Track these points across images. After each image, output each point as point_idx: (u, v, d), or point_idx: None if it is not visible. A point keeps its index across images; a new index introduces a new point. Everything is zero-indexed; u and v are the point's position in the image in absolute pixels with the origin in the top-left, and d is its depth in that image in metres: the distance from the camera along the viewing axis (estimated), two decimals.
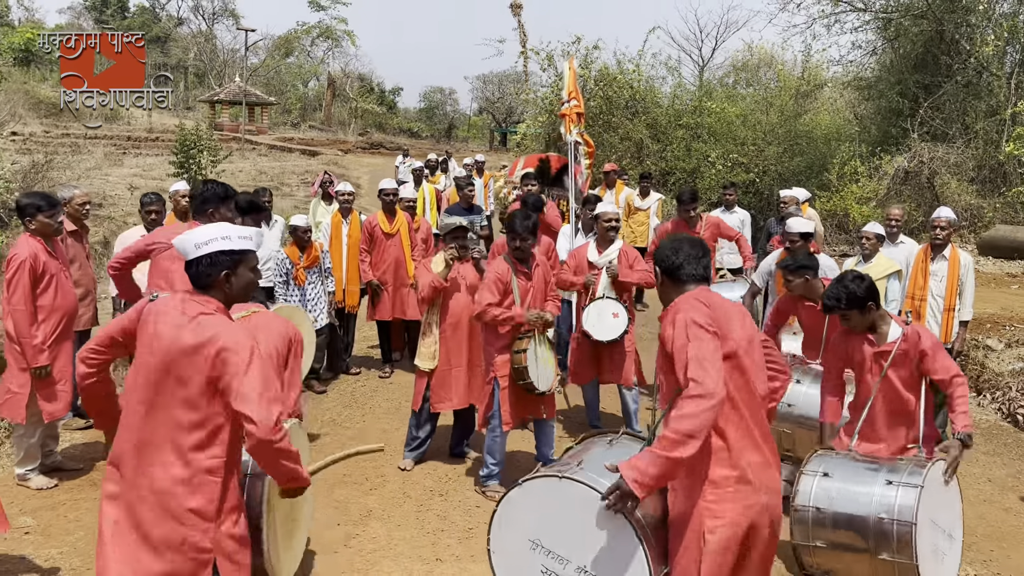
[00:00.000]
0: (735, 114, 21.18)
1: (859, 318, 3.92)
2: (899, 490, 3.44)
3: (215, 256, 2.75)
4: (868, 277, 4.00)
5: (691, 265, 2.96)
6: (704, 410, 2.61)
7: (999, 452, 6.34)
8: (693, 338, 2.73)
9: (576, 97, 7.73)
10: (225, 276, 2.77)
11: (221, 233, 2.78)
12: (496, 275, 5.04)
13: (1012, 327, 9.09)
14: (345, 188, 8.05)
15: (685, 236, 3.11)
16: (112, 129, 28.94)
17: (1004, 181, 16.64)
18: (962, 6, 18.53)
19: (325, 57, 51.69)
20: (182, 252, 2.78)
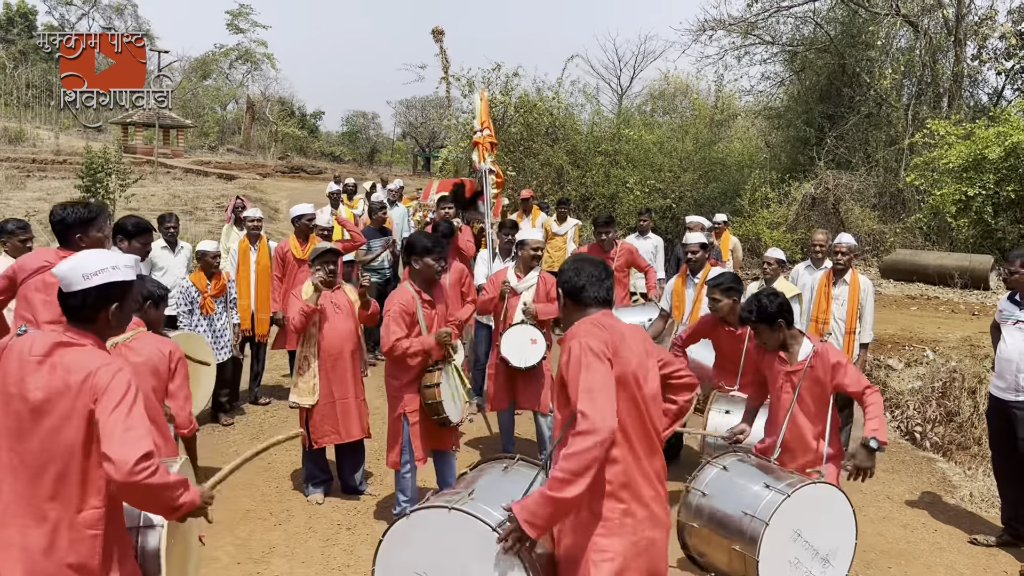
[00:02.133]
0: (652, 141, 21.66)
1: (769, 334, 4.02)
2: (770, 493, 3.57)
3: (105, 288, 2.51)
4: (783, 295, 4.10)
5: (593, 287, 2.90)
6: (590, 447, 2.55)
7: (897, 469, 6.57)
8: (585, 367, 2.67)
9: (488, 126, 7.77)
10: (114, 309, 2.55)
11: (111, 262, 2.56)
12: (400, 307, 4.78)
13: (912, 347, 9.47)
14: (254, 214, 7.79)
15: (587, 257, 3.05)
16: (16, 151, 27.74)
17: (904, 208, 17.46)
18: (862, 41, 19.49)
19: (244, 80, 50.90)
20: (66, 283, 2.50)
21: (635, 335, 2.94)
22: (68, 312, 2.55)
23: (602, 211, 20.41)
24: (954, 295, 13.03)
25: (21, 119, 33.64)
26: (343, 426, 5.28)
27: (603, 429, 2.57)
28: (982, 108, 18.90)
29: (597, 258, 3.09)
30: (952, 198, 14.55)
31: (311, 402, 5.19)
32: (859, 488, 6.06)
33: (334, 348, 5.22)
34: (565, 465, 2.55)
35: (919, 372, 8.89)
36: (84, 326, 2.54)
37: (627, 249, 7.75)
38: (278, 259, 7.45)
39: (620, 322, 2.95)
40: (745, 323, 4.17)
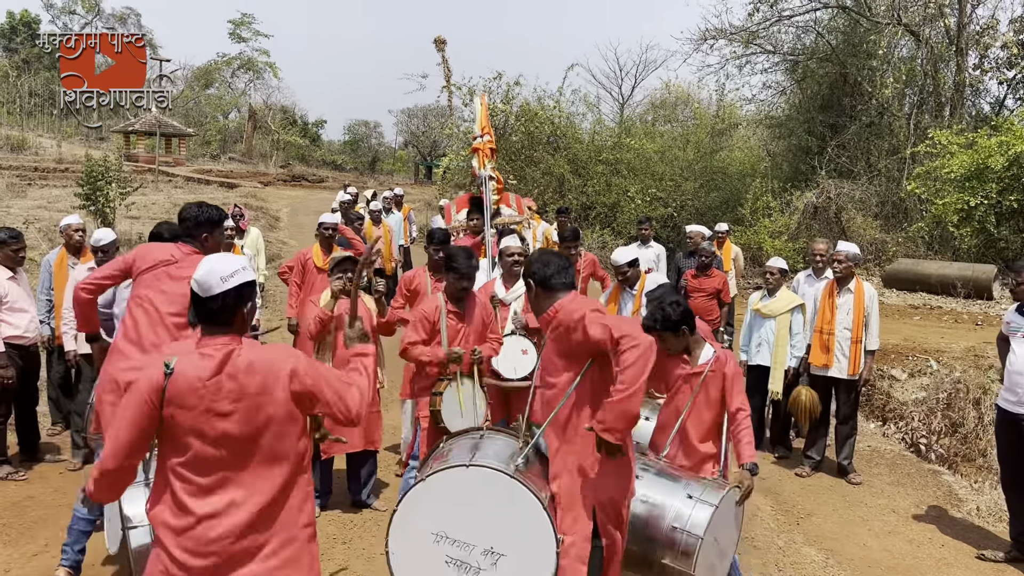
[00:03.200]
0: (653, 150, 21.64)
1: (674, 341, 3.99)
2: (696, 505, 3.54)
3: (241, 288, 2.57)
4: (684, 303, 4.07)
5: (561, 275, 3.37)
6: (643, 352, 3.02)
7: (903, 482, 6.47)
8: (599, 319, 3.13)
9: (488, 132, 7.69)
10: (248, 309, 2.62)
11: (240, 264, 2.62)
12: (423, 313, 4.83)
13: (915, 357, 9.39)
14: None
15: (550, 251, 3.56)
16: (18, 159, 27.74)
17: (906, 217, 17.40)
18: (864, 50, 19.46)
19: (247, 89, 50.95)
20: (205, 287, 2.53)
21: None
22: (207, 316, 2.56)
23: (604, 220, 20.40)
24: (957, 305, 12.94)
25: (24, 127, 33.67)
26: (356, 435, 5.20)
27: (646, 339, 3.06)
28: (984, 118, 18.87)
29: (559, 252, 3.54)
30: (954, 207, 14.49)
31: None
32: (864, 501, 5.99)
33: (346, 357, 5.14)
34: (627, 375, 3.01)
35: (923, 382, 8.80)
36: (223, 329, 2.56)
37: (591, 260, 7.85)
38: (299, 266, 7.36)
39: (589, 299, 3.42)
40: (649, 332, 4.05)
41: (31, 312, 5.93)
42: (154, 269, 4.18)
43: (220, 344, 2.53)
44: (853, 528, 5.49)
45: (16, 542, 4.81)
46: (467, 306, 4.97)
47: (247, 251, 8.43)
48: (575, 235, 7.73)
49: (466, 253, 4.91)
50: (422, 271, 6.22)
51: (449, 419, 4.73)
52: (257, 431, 2.50)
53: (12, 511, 5.24)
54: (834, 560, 4.98)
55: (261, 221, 20.49)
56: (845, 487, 6.23)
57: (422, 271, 6.22)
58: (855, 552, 5.12)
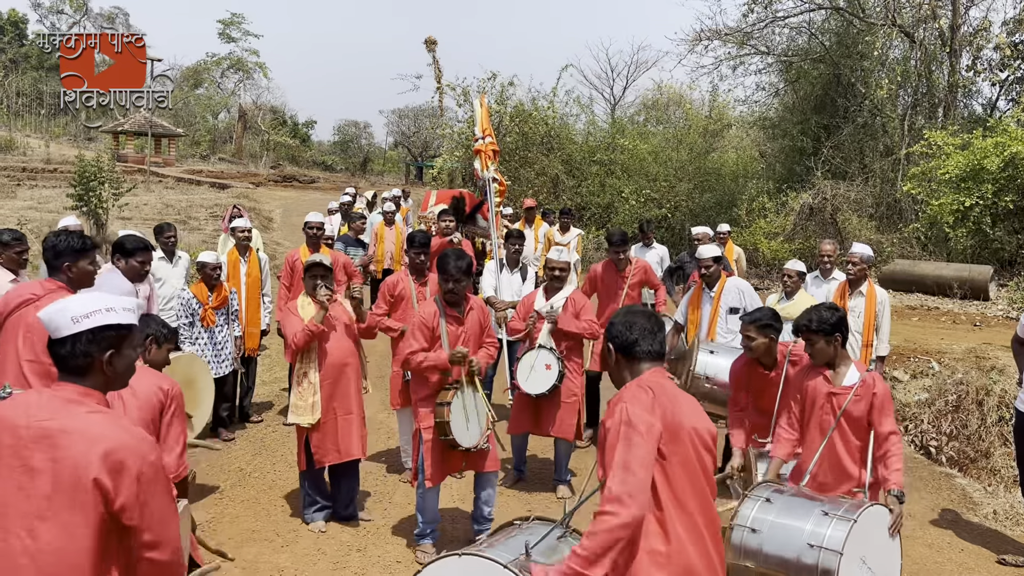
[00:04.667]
0: (647, 151, 21.63)
1: (823, 347, 3.86)
2: (832, 521, 3.41)
3: (97, 332, 2.21)
4: (842, 310, 4.02)
5: (646, 341, 2.76)
6: (614, 528, 2.46)
7: (916, 487, 6.44)
8: (624, 439, 2.55)
9: (490, 133, 7.63)
10: (109, 357, 2.24)
11: (104, 304, 2.26)
12: (421, 320, 4.71)
13: (916, 359, 9.38)
14: (243, 224, 7.57)
15: (639, 309, 2.93)
16: (6, 160, 27.48)
17: (901, 218, 17.44)
18: (857, 51, 19.50)
19: (236, 89, 50.66)
20: (53, 327, 2.20)
21: (687, 397, 2.82)
22: (59, 363, 2.24)
23: (598, 220, 20.37)
24: (954, 305, 12.96)
25: (11, 127, 33.33)
26: (343, 444, 5.04)
27: (633, 512, 2.47)
28: (977, 119, 18.94)
29: (648, 310, 2.96)
30: (950, 208, 14.52)
31: (311, 421, 4.90)
32: None
33: (335, 364, 4.99)
34: (587, 543, 2.48)
35: (925, 384, 8.80)
36: (79, 379, 2.23)
37: (642, 267, 7.41)
38: (287, 267, 7.32)
39: (672, 383, 2.80)
40: (800, 332, 3.98)
41: None
42: (18, 310, 3.89)
43: (73, 393, 2.21)
44: None
45: None
46: (465, 310, 4.86)
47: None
48: (623, 238, 7.21)
49: (456, 255, 4.78)
50: (404, 275, 6.10)
51: (456, 429, 4.61)
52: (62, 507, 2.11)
53: None
54: None
55: (254, 222, 20.35)
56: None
57: (404, 275, 6.10)
58: None
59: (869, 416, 3.82)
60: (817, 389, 3.94)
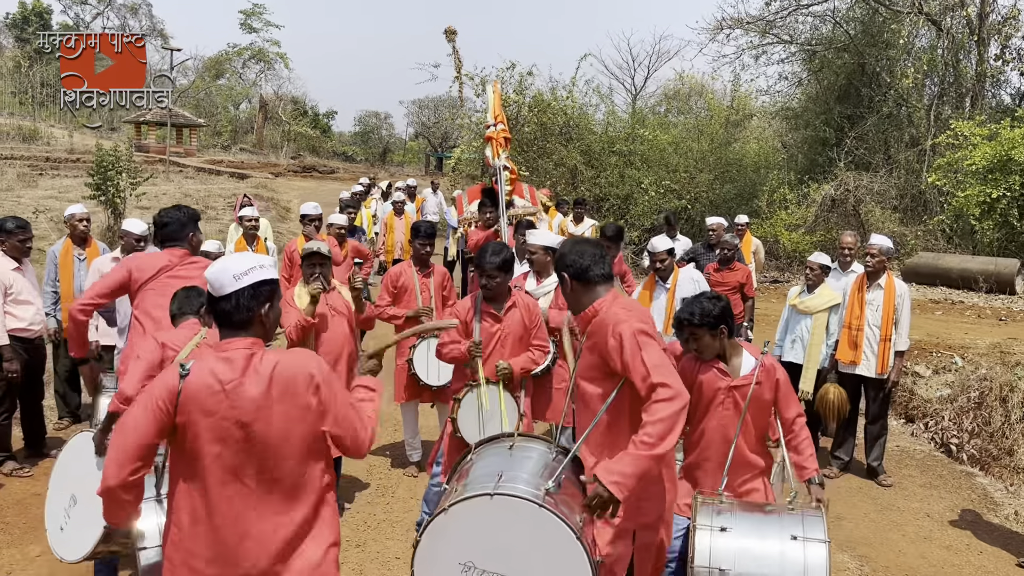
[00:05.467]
0: (667, 141, 21.38)
1: (709, 341, 3.55)
2: (806, 546, 3.13)
3: (257, 287, 2.41)
4: (725, 299, 3.66)
5: (598, 266, 3.06)
6: (679, 410, 2.75)
7: (935, 485, 6.26)
8: (644, 346, 2.84)
9: (502, 120, 7.49)
10: (267, 310, 2.45)
11: (258, 261, 2.47)
12: (454, 313, 4.65)
13: (939, 353, 9.15)
14: (250, 213, 7.50)
15: (584, 239, 3.19)
16: (30, 149, 27.73)
17: (925, 210, 17.11)
18: (883, 40, 19.13)
19: (257, 79, 50.88)
20: (217, 285, 2.40)
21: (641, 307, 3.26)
22: (222, 318, 2.42)
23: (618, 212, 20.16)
24: (979, 300, 12.67)
25: (35, 118, 33.65)
26: None
27: (684, 394, 2.80)
28: (1004, 108, 18.53)
29: (593, 239, 3.22)
30: (976, 200, 14.21)
31: None
32: (896, 506, 5.79)
33: (331, 354, 4.80)
34: (653, 430, 2.73)
35: (947, 379, 8.58)
36: (240, 332, 2.41)
37: (619, 259, 7.45)
38: (286, 259, 7.25)
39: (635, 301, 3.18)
40: (681, 326, 3.67)
41: (36, 304, 5.77)
42: (156, 278, 4.08)
43: (240, 347, 2.39)
44: (887, 533, 5.29)
45: (19, 542, 4.67)
46: (506, 308, 4.59)
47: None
48: (619, 234, 7.18)
49: (494, 248, 4.52)
50: (408, 266, 5.96)
51: (465, 428, 4.44)
52: (281, 443, 2.37)
53: (16, 509, 5.10)
54: (869, 568, 4.78)
55: (271, 212, 20.39)
56: (875, 489, 6.02)
57: (408, 266, 5.96)
58: (891, 559, 4.92)
59: (774, 403, 3.61)
60: (712, 384, 3.59)
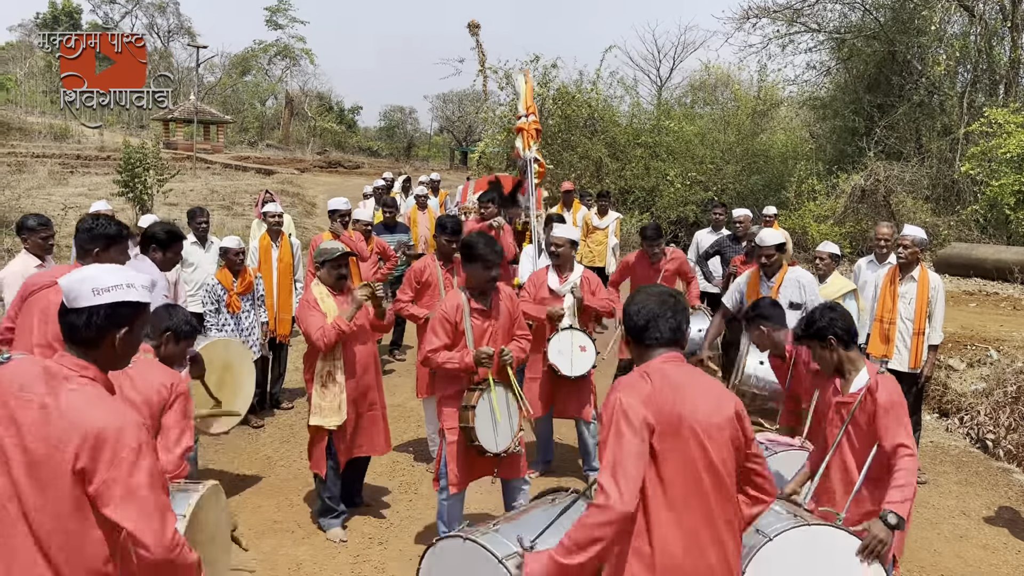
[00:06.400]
0: (693, 133, 21.17)
1: (820, 352, 3.49)
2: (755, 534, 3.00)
3: (115, 308, 2.17)
4: (840, 308, 3.59)
5: (655, 327, 2.60)
6: (599, 524, 2.42)
7: (971, 482, 6.10)
8: (615, 435, 2.47)
9: (533, 111, 7.40)
10: (123, 334, 2.21)
11: (126, 279, 2.22)
12: (443, 314, 4.26)
13: (973, 346, 8.95)
14: (274, 209, 7.45)
15: (655, 290, 2.74)
16: (61, 147, 28.13)
17: (958, 199, 16.76)
18: (914, 27, 18.74)
19: (283, 75, 51.19)
20: (72, 296, 2.16)
21: (702, 386, 2.60)
22: (68, 331, 2.19)
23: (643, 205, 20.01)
24: (1015, 291, 12.38)
25: (66, 116, 34.09)
26: (369, 436, 4.85)
27: (616, 510, 2.41)
28: None
29: (666, 289, 2.77)
30: (1011, 189, 13.89)
31: (337, 423, 4.64)
32: (930, 503, 5.65)
33: (361, 360, 4.73)
34: (573, 534, 2.47)
35: (982, 373, 8.38)
36: (83, 351, 2.18)
37: (678, 258, 7.18)
38: (312, 254, 7.19)
39: (682, 370, 2.60)
40: (796, 339, 3.70)
41: None
42: (36, 293, 3.75)
43: (67, 364, 2.15)
44: (921, 532, 5.15)
45: None
46: (493, 301, 4.41)
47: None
48: (657, 232, 7.02)
49: (486, 239, 4.36)
50: (432, 261, 5.86)
51: (483, 435, 4.23)
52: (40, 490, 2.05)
53: None
54: (904, 568, 4.64)
55: (297, 208, 20.47)
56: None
57: (432, 261, 5.86)
58: (926, 559, 4.80)
59: (874, 427, 3.35)
60: (827, 400, 3.55)
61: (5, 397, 2.11)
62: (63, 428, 2.05)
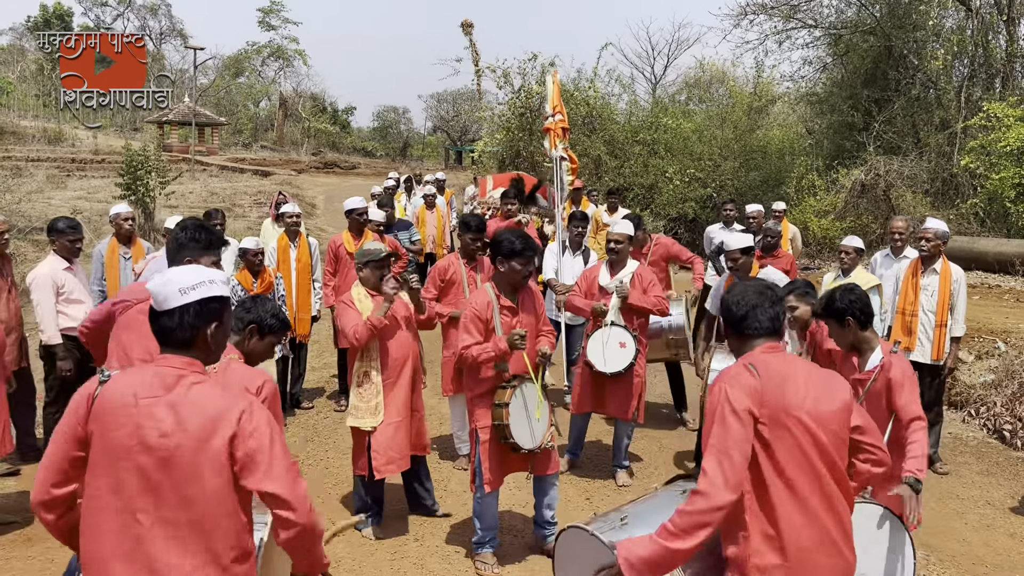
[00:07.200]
0: (691, 129, 21.21)
1: (838, 331, 3.70)
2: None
3: (204, 304, 2.24)
4: (859, 290, 3.74)
5: (754, 317, 2.68)
6: (703, 510, 2.45)
7: (993, 472, 6.17)
8: (719, 421, 2.53)
9: (561, 111, 7.45)
10: (213, 329, 2.28)
11: (207, 276, 2.29)
12: (474, 312, 4.30)
13: (981, 339, 9.02)
14: (291, 209, 7.47)
15: (754, 282, 2.85)
16: (56, 151, 28.01)
17: (957, 193, 16.85)
18: (910, 22, 18.84)
19: (276, 77, 51.12)
20: (160, 299, 2.22)
21: (810, 375, 2.66)
22: (162, 334, 2.25)
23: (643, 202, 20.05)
24: (1016, 283, 12.46)
25: (60, 120, 33.97)
26: (404, 450, 4.74)
27: (720, 495, 2.45)
28: None
29: (763, 281, 2.90)
30: (1011, 182, 13.97)
31: (374, 424, 4.59)
32: (955, 493, 5.71)
33: (398, 360, 4.69)
34: (677, 520, 2.48)
35: (991, 364, 8.46)
36: (181, 351, 2.24)
37: (662, 244, 7.29)
38: (331, 254, 7.21)
39: (785, 360, 2.67)
40: (815, 316, 4.00)
41: (87, 303, 5.81)
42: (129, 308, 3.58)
43: (173, 365, 2.21)
44: (949, 522, 5.22)
45: None
46: (520, 298, 4.46)
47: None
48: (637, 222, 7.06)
49: (523, 237, 4.37)
50: (456, 259, 5.90)
51: (517, 431, 4.26)
52: (185, 482, 2.12)
53: None
54: (935, 557, 4.71)
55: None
56: (932, 477, 5.94)
57: (456, 259, 5.90)
58: (956, 548, 4.86)
59: (889, 401, 3.55)
60: (844, 375, 3.60)
61: (124, 409, 2.14)
62: (201, 417, 2.13)
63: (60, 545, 4.47)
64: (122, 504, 2.12)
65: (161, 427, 2.12)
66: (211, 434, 2.12)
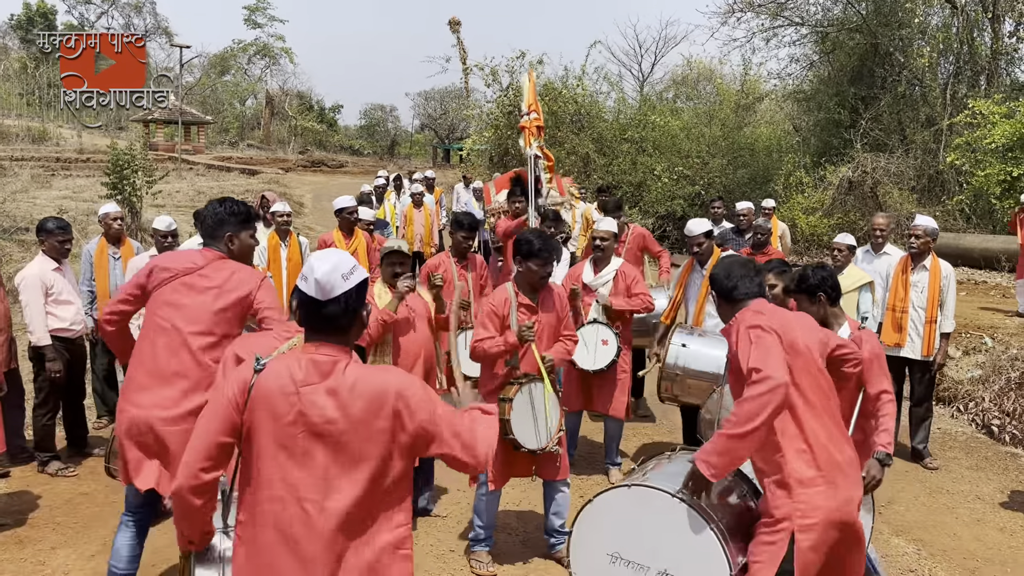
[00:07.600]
0: (679, 127, 21.27)
1: (808, 306, 3.86)
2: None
3: (361, 287, 2.23)
4: (829, 269, 4.03)
5: (744, 284, 3.20)
6: (764, 392, 2.79)
7: (982, 467, 6.22)
8: (755, 339, 2.95)
9: (536, 109, 7.47)
10: (366, 312, 2.29)
11: (352, 260, 2.28)
12: (491, 307, 4.32)
13: (968, 334, 9.10)
14: (282, 208, 7.43)
15: (735, 259, 3.36)
16: (40, 150, 27.76)
17: (943, 190, 16.99)
18: (896, 20, 18.96)
19: (263, 75, 50.80)
20: (327, 288, 2.18)
21: (796, 316, 3.27)
22: (324, 322, 2.20)
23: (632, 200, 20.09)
24: (1002, 279, 12.58)
25: (44, 118, 33.67)
26: None
27: (777, 376, 2.81)
28: (1021, 86, 18.35)
29: (743, 257, 3.32)
30: (996, 178, 14.08)
31: None
32: (946, 488, 5.76)
33: (410, 355, 4.70)
34: (739, 410, 2.83)
35: (978, 360, 8.53)
36: (336, 336, 2.21)
37: (639, 233, 7.44)
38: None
39: (776, 307, 3.21)
40: (787, 293, 4.21)
41: (77, 304, 5.78)
42: (171, 281, 3.51)
43: (328, 352, 2.19)
44: (939, 517, 5.26)
45: (73, 542, 4.67)
46: (541, 298, 4.45)
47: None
48: (617, 205, 7.65)
49: (543, 237, 4.40)
50: (446, 258, 5.92)
51: (519, 428, 4.26)
52: (351, 464, 2.14)
53: (65, 509, 5.10)
54: (927, 552, 4.75)
55: None
56: (922, 472, 5.99)
57: (446, 258, 5.92)
58: (947, 543, 4.90)
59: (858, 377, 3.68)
60: None
61: (285, 397, 2.14)
62: (366, 399, 2.14)
63: (52, 547, 4.50)
64: (287, 491, 2.13)
65: (325, 414, 2.13)
66: (374, 416, 2.14)
